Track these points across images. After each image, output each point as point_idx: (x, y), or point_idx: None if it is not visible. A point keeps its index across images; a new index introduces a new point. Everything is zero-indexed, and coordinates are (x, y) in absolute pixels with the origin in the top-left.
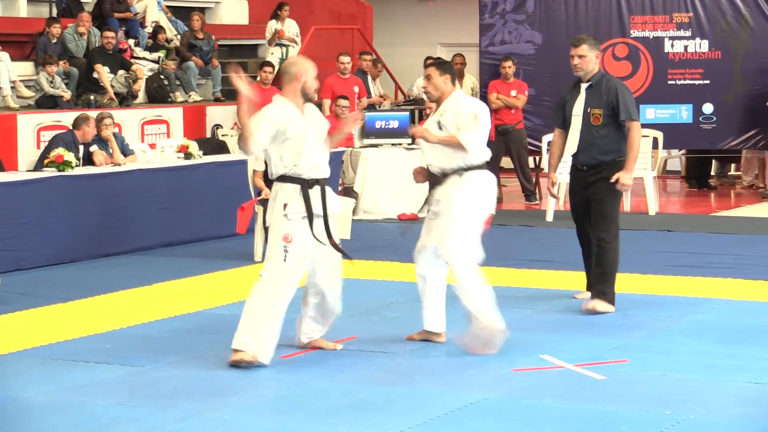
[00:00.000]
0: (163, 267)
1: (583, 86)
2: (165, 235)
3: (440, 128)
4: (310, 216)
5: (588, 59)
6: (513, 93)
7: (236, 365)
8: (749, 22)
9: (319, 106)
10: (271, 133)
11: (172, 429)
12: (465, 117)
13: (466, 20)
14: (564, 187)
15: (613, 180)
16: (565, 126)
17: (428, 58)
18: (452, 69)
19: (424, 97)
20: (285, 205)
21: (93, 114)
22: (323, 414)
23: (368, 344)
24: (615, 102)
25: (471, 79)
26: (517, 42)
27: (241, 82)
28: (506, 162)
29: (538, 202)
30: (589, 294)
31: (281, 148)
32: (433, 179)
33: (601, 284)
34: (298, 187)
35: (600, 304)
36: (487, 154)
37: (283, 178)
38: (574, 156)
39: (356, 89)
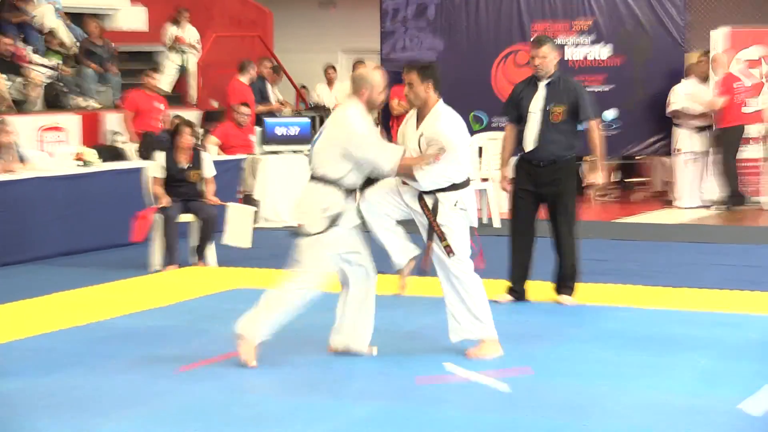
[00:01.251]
0: (62, 276)
1: (542, 84)
2: (63, 243)
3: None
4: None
5: (549, 60)
6: None
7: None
8: (648, 30)
9: (211, 113)
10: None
11: None
12: (440, 142)
13: (368, 27)
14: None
15: (586, 183)
16: (520, 121)
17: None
18: (435, 74)
19: (325, 103)
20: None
21: None
22: (223, 427)
23: (269, 356)
24: (576, 100)
25: None
26: (419, 49)
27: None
28: None
29: None
30: (509, 297)
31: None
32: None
33: (570, 280)
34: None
35: (569, 299)
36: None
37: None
38: (531, 152)
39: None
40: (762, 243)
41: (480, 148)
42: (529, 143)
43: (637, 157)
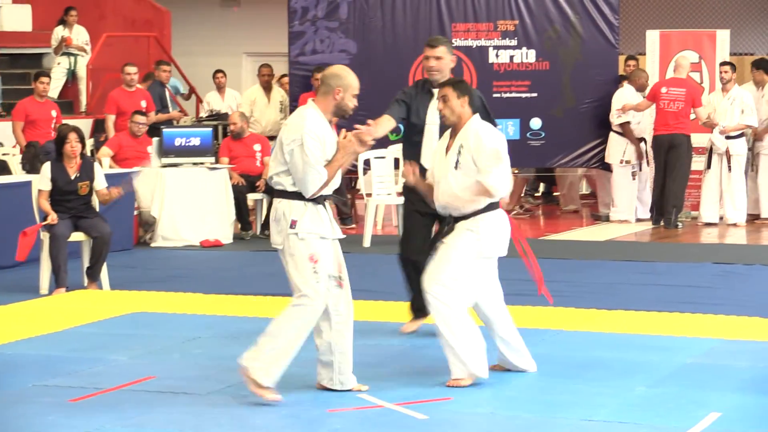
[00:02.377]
0: None
1: (437, 91)
2: None
3: (457, 166)
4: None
5: (445, 62)
6: None
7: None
8: (579, 31)
9: (102, 122)
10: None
11: None
12: (486, 155)
13: (274, 27)
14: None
15: None
16: (411, 130)
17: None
18: (469, 90)
19: (221, 111)
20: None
21: None
22: None
23: (169, 384)
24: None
25: (279, 92)
26: (330, 51)
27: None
28: None
29: (354, 226)
30: (413, 322)
31: None
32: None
33: None
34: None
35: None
36: (507, 190)
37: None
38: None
39: (143, 104)
40: (699, 261)
41: (396, 160)
42: (428, 158)
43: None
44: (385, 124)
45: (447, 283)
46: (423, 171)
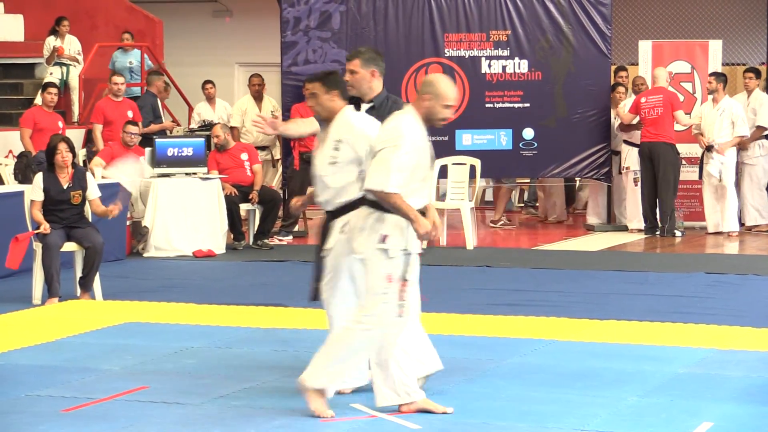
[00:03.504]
0: None
1: (364, 107)
2: None
3: (334, 162)
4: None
5: (360, 76)
6: None
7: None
8: (571, 41)
9: (90, 135)
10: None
11: None
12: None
13: (267, 38)
14: None
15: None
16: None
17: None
18: (339, 83)
19: (216, 121)
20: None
21: None
22: None
23: (161, 394)
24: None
25: (271, 101)
26: (323, 62)
27: None
28: None
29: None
30: None
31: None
32: None
33: None
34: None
35: None
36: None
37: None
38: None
39: (130, 113)
40: (691, 271)
41: None
42: None
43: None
44: (310, 125)
45: None
46: None
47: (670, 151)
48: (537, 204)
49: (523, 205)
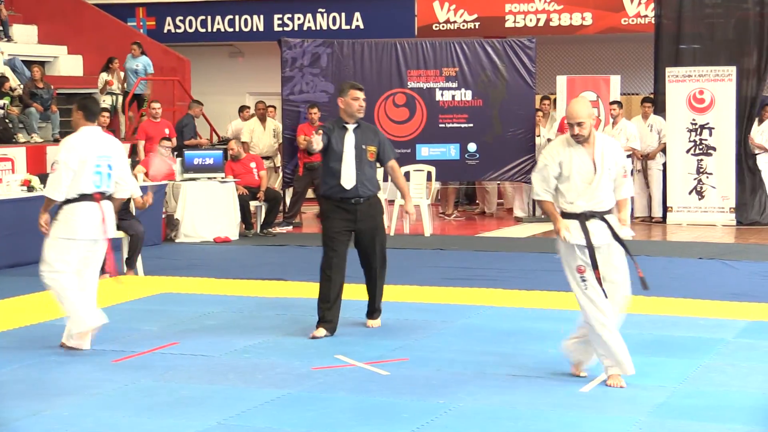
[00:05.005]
0: (10, 285)
1: (350, 126)
2: (11, 257)
3: None
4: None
5: (358, 104)
6: None
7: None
8: (505, 76)
9: (134, 148)
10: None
11: (18, 425)
12: None
13: (271, 73)
14: None
15: (406, 213)
16: (329, 154)
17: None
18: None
19: (232, 136)
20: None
21: None
22: (150, 409)
23: (189, 348)
24: (383, 142)
25: (273, 122)
26: (314, 92)
27: None
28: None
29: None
30: (325, 331)
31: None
32: None
33: (380, 305)
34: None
35: (378, 323)
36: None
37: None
38: (352, 189)
39: (166, 131)
40: None
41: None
42: (350, 182)
43: (497, 183)
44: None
45: None
46: (348, 195)
47: None
48: (475, 202)
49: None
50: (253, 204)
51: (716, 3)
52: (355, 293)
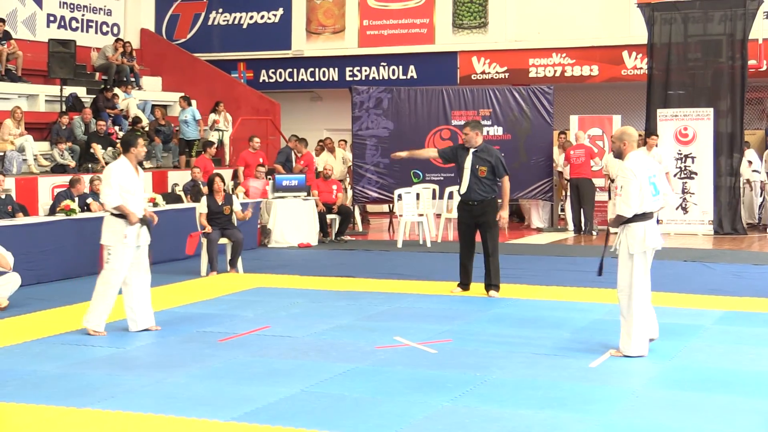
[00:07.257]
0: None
1: (471, 150)
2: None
3: None
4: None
5: (470, 136)
6: None
7: None
8: (529, 115)
9: (236, 173)
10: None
11: (142, 392)
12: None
13: (344, 113)
14: None
15: (498, 218)
16: (458, 168)
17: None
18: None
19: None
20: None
21: (86, 177)
22: (248, 378)
23: (279, 331)
24: (495, 162)
25: (342, 152)
26: (377, 128)
27: None
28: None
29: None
30: (460, 289)
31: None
32: None
33: (496, 281)
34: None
35: (497, 293)
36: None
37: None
38: (466, 194)
39: (260, 159)
40: (598, 256)
41: (417, 194)
42: (465, 188)
43: (521, 201)
44: (428, 152)
45: None
46: (464, 198)
47: (589, 183)
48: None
49: None
50: (329, 217)
51: (697, 57)
52: (413, 287)
